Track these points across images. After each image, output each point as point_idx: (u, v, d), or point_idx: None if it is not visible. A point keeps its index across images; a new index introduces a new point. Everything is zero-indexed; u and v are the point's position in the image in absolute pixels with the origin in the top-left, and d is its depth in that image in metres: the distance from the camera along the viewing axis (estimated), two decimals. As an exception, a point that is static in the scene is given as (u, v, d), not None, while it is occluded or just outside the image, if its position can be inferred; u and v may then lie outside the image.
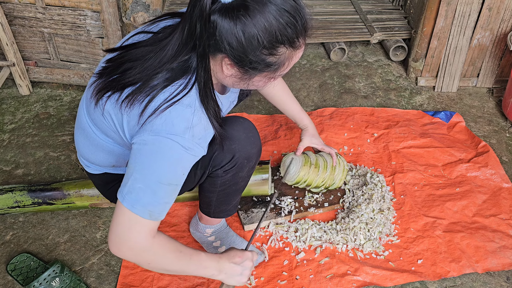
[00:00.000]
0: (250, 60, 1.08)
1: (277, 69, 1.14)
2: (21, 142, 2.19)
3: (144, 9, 2.24)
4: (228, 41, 1.05)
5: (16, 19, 2.29)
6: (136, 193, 1.11)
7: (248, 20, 1.02)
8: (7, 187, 1.87)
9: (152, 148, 1.12)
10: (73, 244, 1.79)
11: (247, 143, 1.41)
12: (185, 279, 1.67)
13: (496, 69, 2.50)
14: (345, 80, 2.60)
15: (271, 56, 1.09)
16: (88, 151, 1.42)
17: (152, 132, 1.12)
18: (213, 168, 1.42)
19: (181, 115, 1.13)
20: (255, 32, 1.03)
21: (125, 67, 1.18)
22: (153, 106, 1.13)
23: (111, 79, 1.20)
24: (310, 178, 1.89)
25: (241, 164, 1.43)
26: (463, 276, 1.70)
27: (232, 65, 1.11)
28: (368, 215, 1.81)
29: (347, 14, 2.89)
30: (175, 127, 1.12)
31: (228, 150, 1.38)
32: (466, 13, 2.32)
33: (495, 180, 2.02)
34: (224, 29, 1.03)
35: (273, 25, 1.04)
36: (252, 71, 1.12)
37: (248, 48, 1.06)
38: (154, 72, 1.13)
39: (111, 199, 1.59)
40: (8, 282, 1.67)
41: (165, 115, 1.12)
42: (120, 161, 1.42)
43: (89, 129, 1.35)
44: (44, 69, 2.45)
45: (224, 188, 1.50)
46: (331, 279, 1.67)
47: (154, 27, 1.25)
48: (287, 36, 1.07)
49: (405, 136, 2.20)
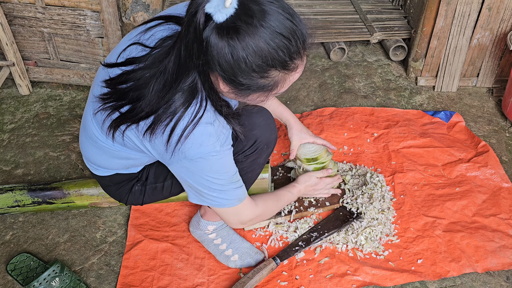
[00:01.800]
0: (241, 82, 1.07)
1: (271, 89, 1.12)
2: (21, 142, 2.19)
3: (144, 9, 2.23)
4: (218, 62, 1.04)
5: (16, 19, 2.29)
6: (217, 199, 1.32)
7: (236, 43, 1.00)
8: (7, 186, 1.87)
9: (196, 170, 1.24)
10: (73, 244, 1.79)
11: (267, 129, 1.49)
12: (185, 279, 1.68)
13: (496, 68, 2.50)
14: (345, 80, 2.60)
15: (262, 79, 1.07)
16: (101, 158, 1.43)
17: (187, 158, 1.20)
18: (234, 154, 1.44)
19: (205, 133, 1.17)
20: (244, 56, 1.01)
21: (132, 96, 1.17)
22: (177, 133, 1.15)
23: (125, 113, 1.19)
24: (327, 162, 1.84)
25: (261, 150, 1.50)
26: (463, 276, 1.70)
27: (225, 83, 1.10)
28: (370, 215, 1.82)
29: (347, 14, 2.89)
30: (203, 147, 1.18)
31: (250, 136, 1.44)
32: (466, 12, 2.32)
33: (495, 180, 2.02)
34: (215, 49, 1.02)
35: (263, 49, 1.02)
36: (246, 91, 1.11)
37: (237, 70, 1.04)
38: (163, 100, 1.13)
39: (119, 199, 1.59)
40: (8, 282, 1.67)
41: (190, 139, 1.16)
42: (136, 163, 1.44)
43: (103, 144, 1.35)
44: (43, 69, 2.45)
45: (241, 175, 1.51)
46: (331, 279, 1.67)
47: (149, 39, 1.22)
48: (278, 60, 1.04)
49: (405, 136, 2.20)
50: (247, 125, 1.40)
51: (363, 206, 1.85)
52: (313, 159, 1.82)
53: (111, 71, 1.24)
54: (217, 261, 1.73)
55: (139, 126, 1.19)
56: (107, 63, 1.26)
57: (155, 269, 1.70)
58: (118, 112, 1.21)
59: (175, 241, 1.79)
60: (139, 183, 1.54)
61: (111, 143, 1.32)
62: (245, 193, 1.38)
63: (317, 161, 1.82)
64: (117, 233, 1.83)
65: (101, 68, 1.31)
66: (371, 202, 1.86)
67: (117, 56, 1.26)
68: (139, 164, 1.47)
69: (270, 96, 1.17)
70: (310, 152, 1.82)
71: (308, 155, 1.82)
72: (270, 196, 1.58)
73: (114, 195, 1.58)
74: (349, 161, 2.11)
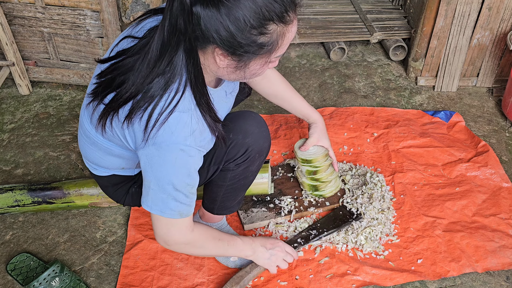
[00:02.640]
0: (241, 44, 1.05)
1: (271, 49, 1.10)
2: (20, 142, 2.19)
3: (143, 8, 2.23)
4: (215, 29, 1.02)
5: (16, 19, 2.28)
6: (161, 202, 1.23)
7: (230, 2, 1.00)
8: (7, 186, 1.87)
9: (159, 160, 1.17)
10: (72, 244, 1.79)
11: (260, 137, 1.44)
12: (185, 279, 1.68)
13: (496, 68, 2.50)
14: (345, 80, 2.60)
15: (262, 35, 1.06)
16: (96, 155, 1.42)
17: (155, 144, 1.15)
18: (226, 162, 1.43)
19: (179, 122, 1.13)
20: (241, 13, 1.01)
21: (117, 82, 1.16)
22: (154, 119, 1.12)
23: (110, 102, 1.18)
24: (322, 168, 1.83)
25: (253, 158, 1.46)
26: (463, 276, 1.71)
27: (224, 54, 1.08)
28: (370, 215, 1.82)
29: (346, 13, 2.89)
30: (174, 136, 1.13)
31: (242, 144, 1.40)
32: (466, 12, 2.32)
33: (495, 180, 2.03)
34: (208, 17, 1.01)
35: (257, 2, 1.01)
36: (246, 55, 1.09)
37: (236, 31, 1.03)
38: (146, 80, 1.11)
39: (117, 200, 1.59)
40: (8, 282, 1.67)
41: (164, 126, 1.12)
42: (130, 163, 1.43)
43: (96, 139, 1.35)
44: (43, 69, 2.45)
45: (233, 182, 1.50)
46: (331, 279, 1.67)
47: (139, 31, 1.22)
48: (275, 12, 1.04)
49: (404, 135, 2.20)
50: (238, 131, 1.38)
51: (363, 206, 1.85)
52: (307, 161, 1.82)
53: (103, 66, 1.24)
54: (217, 261, 1.73)
55: (119, 115, 1.17)
56: (100, 59, 1.26)
57: (155, 269, 1.70)
58: (102, 104, 1.20)
59: (175, 241, 1.79)
60: (135, 185, 1.54)
61: (101, 137, 1.32)
62: (190, 212, 1.28)
63: (310, 164, 1.82)
64: (117, 233, 1.83)
65: (97, 65, 1.32)
66: (371, 202, 1.86)
67: (110, 50, 1.26)
68: (132, 166, 1.46)
69: (269, 63, 1.15)
70: (307, 153, 1.82)
71: (304, 156, 1.82)
72: (213, 232, 1.43)
73: (112, 196, 1.59)
74: (349, 161, 2.11)
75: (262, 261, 1.58)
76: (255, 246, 1.56)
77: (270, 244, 1.59)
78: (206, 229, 1.41)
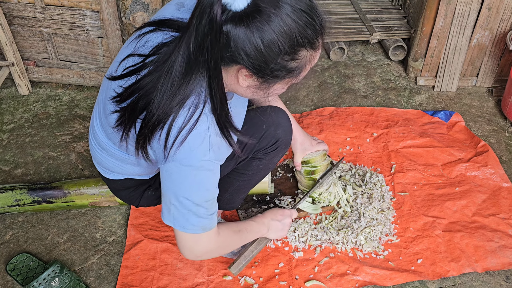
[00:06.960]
0: (271, 69, 1.02)
1: (298, 73, 1.08)
2: (20, 142, 2.19)
3: (143, 8, 2.23)
4: (245, 52, 0.98)
5: (15, 19, 2.28)
6: (182, 218, 1.21)
7: (265, 25, 0.95)
8: (7, 185, 1.87)
9: (179, 177, 1.16)
10: (72, 244, 1.79)
11: (288, 130, 1.50)
12: (185, 279, 1.68)
13: (496, 68, 2.50)
14: (345, 80, 2.60)
15: (293, 61, 1.03)
16: (113, 163, 1.41)
17: (175, 161, 1.13)
18: (256, 151, 1.46)
19: (198, 138, 1.10)
20: (275, 38, 0.97)
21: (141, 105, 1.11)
22: (172, 137, 1.09)
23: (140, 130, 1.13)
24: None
25: (280, 149, 1.50)
26: (463, 276, 1.71)
27: (249, 75, 1.05)
28: (370, 215, 1.82)
29: (346, 13, 2.89)
30: (194, 152, 1.12)
31: (274, 135, 1.45)
32: (465, 12, 2.32)
33: (495, 180, 2.03)
34: (240, 38, 0.96)
35: (292, 28, 0.97)
36: (273, 79, 1.06)
37: (268, 56, 0.99)
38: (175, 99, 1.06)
39: (129, 202, 1.57)
40: (8, 282, 1.67)
41: (184, 143, 1.10)
42: (149, 170, 1.41)
43: (114, 151, 1.34)
44: (43, 69, 2.45)
45: (254, 172, 1.52)
46: (331, 279, 1.67)
47: (143, 46, 1.17)
48: (307, 38, 1.01)
49: (404, 135, 2.20)
50: (271, 123, 1.43)
51: (363, 206, 1.85)
52: (304, 162, 1.82)
53: (115, 84, 1.19)
54: (217, 261, 1.72)
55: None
56: (110, 76, 1.22)
57: (154, 269, 1.70)
58: (133, 129, 1.15)
59: (174, 241, 1.79)
60: (151, 188, 1.52)
61: (121, 151, 1.31)
62: (213, 225, 1.27)
63: (308, 164, 1.82)
64: (116, 233, 1.83)
65: (104, 79, 1.28)
66: (371, 202, 1.86)
67: (117, 66, 1.22)
68: (151, 172, 1.44)
69: (291, 84, 1.13)
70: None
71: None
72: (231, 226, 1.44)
73: (125, 199, 1.56)
74: (348, 161, 2.11)
75: (275, 234, 1.61)
76: (267, 222, 1.58)
77: (280, 216, 1.62)
78: (226, 227, 1.40)
